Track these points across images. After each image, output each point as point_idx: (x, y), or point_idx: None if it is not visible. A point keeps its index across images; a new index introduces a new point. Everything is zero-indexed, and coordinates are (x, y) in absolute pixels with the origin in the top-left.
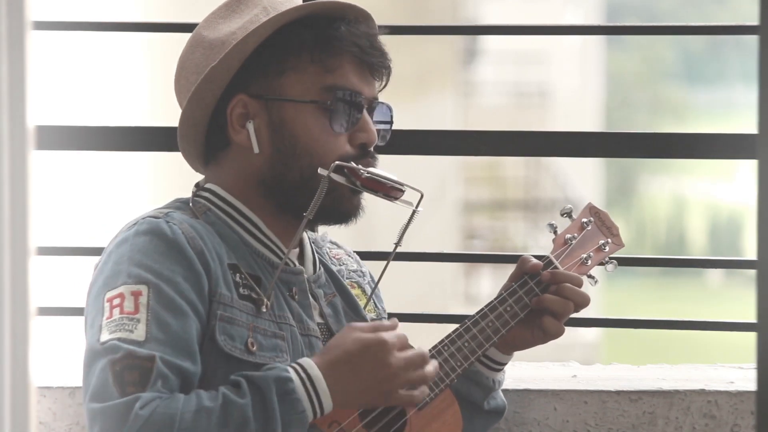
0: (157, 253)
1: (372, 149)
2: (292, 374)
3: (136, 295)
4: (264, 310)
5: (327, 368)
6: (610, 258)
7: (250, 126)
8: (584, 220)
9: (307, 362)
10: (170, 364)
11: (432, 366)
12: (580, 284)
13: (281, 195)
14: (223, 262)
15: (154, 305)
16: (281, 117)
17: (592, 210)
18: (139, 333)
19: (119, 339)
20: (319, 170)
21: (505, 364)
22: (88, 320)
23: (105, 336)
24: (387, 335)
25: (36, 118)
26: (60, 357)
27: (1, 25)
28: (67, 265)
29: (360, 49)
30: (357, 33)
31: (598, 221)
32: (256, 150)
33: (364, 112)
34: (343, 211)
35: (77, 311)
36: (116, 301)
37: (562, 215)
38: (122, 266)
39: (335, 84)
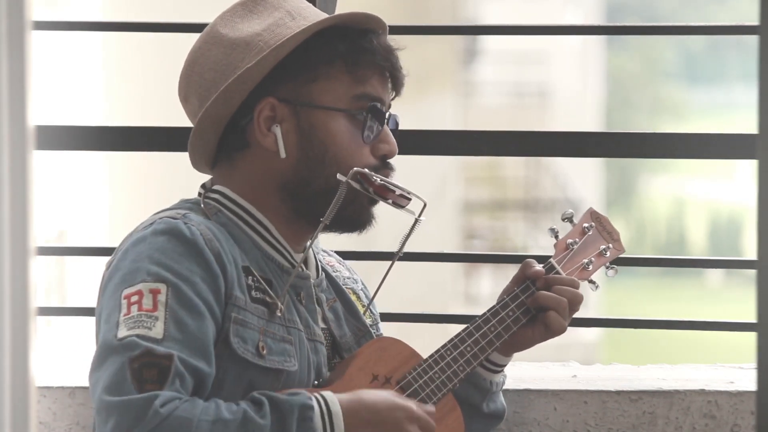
0: (176, 253)
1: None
2: (314, 404)
3: (154, 293)
4: (278, 314)
5: (348, 409)
6: (611, 264)
7: (278, 130)
8: (585, 225)
9: (331, 397)
10: (187, 364)
11: None
12: (576, 287)
13: (302, 200)
14: (238, 265)
15: (173, 304)
16: (311, 123)
17: (593, 215)
18: (157, 331)
19: (137, 335)
20: (338, 176)
21: (503, 365)
22: (102, 316)
23: (123, 332)
24: (416, 407)
25: (36, 118)
26: (60, 357)
27: (1, 25)
28: (67, 265)
29: (390, 64)
30: (387, 47)
31: (599, 226)
32: (282, 155)
33: (386, 124)
34: (361, 220)
35: (77, 311)
36: (134, 298)
37: (563, 220)
38: (141, 264)
39: (367, 93)
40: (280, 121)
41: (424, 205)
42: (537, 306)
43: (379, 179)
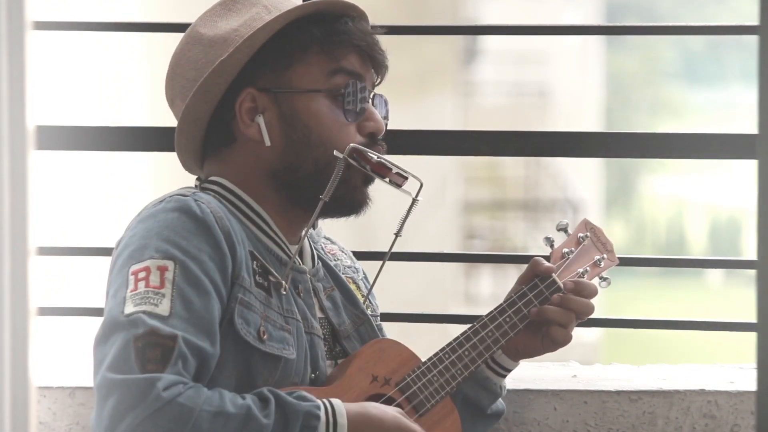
0: (186, 230)
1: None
2: (321, 413)
3: (162, 269)
4: (283, 292)
5: (355, 423)
6: (604, 276)
7: (261, 119)
8: (580, 234)
9: (339, 408)
10: (191, 345)
11: None
12: (595, 294)
13: (293, 187)
14: (246, 247)
15: (180, 282)
16: (292, 108)
17: (587, 225)
18: (164, 308)
19: (144, 312)
20: (335, 152)
21: (511, 370)
22: (110, 291)
23: (129, 308)
24: None
25: (36, 118)
26: (60, 357)
27: (1, 25)
28: (67, 265)
29: (366, 44)
30: (362, 30)
31: (594, 237)
32: (267, 143)
33: (369, 102)
34: (355, 201)
35: (77, 311)
36: (142, 275)
37: (558, 230)
38: (149, 241)
39: (342, 67)
40: (262, 110)
41: (421, 185)
42: (542, 320)
43: (376, 156)
